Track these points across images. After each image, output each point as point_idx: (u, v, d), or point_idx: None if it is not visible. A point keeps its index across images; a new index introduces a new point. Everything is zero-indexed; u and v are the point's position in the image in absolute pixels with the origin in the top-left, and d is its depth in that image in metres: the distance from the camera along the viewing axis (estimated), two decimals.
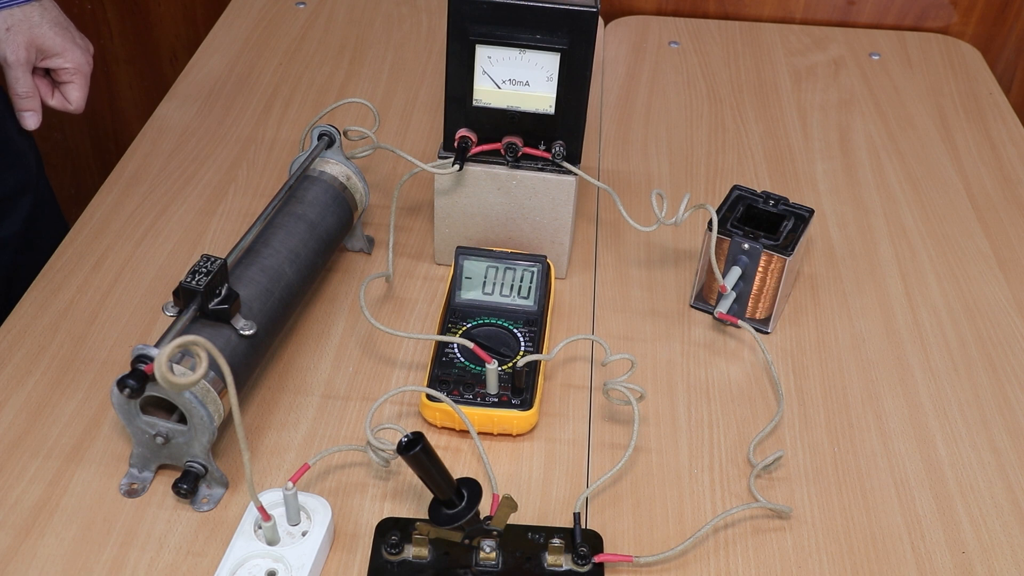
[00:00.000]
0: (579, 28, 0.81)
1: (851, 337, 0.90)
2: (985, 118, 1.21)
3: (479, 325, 0.84)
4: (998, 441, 0.81)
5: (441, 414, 0.79)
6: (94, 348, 0.85)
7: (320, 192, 0.87)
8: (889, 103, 1.22)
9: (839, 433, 0.82)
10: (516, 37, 0.82)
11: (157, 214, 0.99)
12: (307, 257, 0.84)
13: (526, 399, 0.78)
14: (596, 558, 0.69)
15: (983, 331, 0.92)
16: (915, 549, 0.73)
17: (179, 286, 0.73)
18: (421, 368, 0.85)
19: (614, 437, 0.80)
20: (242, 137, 1.10)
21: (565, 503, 0.75)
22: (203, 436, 0.71)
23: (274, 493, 0.71)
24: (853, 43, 1.34)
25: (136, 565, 0.69)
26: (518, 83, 0.84)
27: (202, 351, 0.58)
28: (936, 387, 0.86)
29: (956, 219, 1.05)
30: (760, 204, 0.90)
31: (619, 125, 1.17)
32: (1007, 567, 0.72)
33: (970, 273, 0.98)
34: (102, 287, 0.90)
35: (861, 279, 0.97)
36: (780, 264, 0.86)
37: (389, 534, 0.69)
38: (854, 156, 1.13)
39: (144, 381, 0.67)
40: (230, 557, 0.68)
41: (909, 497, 0.77)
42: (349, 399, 0.82)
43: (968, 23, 1.38)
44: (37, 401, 0.80)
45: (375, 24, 1.31)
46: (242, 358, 0.75)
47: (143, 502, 0.73)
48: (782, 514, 0.75)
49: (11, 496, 0.73)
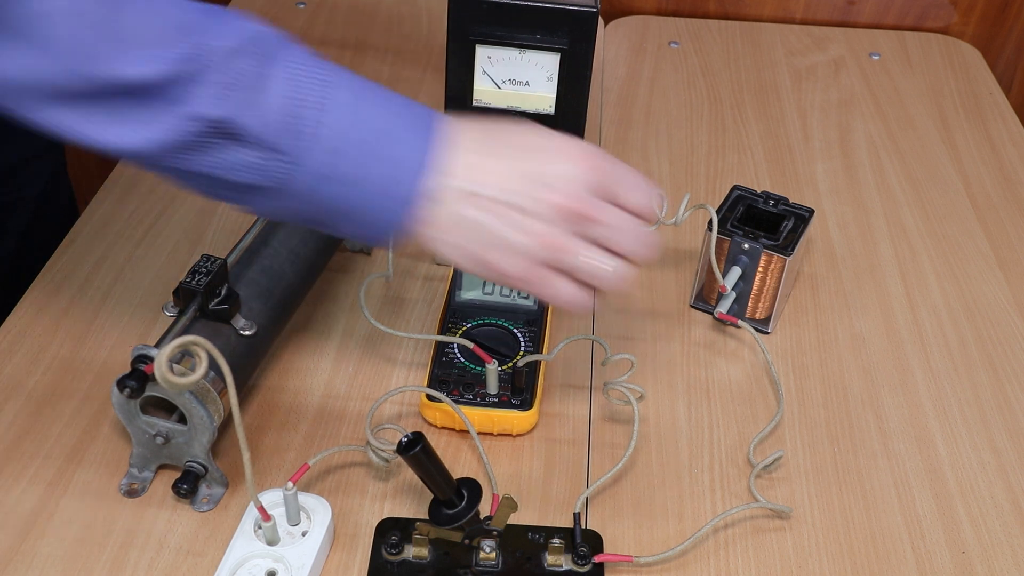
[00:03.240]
0: (579, 28, 0.81)
1: (851, 337, 0.90)
2: (985, 118, 1.21)
3: (479, 325, 0.84)
4: (998, 441, 0.81)
5: (441, 414, 0.79)
6: (94, 348, 0.85)
7: None
8: (889, 103, 1.22)
9: (839, 433, 0.82)
10: (516, 37, 0.82)
11: (157, 214, 0.99)
12: (307, 257, 0.84)
13: (526, 399, 0.78)
14: (596, 558, 0.69)
15: (983, 331, 0.92)
16: (915, 549, 0.73)
17: (179, 286, 0.73)
18: (421, 368, 0.85)
19: (614, 437, 0.80)
20: None
21: (565, 503, 0.75)
22: (203, 436, 0.71)
23: (274, 493, 0.71)
24: (853, 43, 1.34)
25: (136, 565, 0.69)
26: (518, 83, 0.84)
27: (202, 351, 0.58)
28: (936, 387, 0.86)
29: (956, 219, 1.05)
30: (760, 204, 0.90)
31: (619, 125, 1.17)
32: (1007, 567, 0.72)
33: (970, 273, 0.98)
34: (102, 287, 0.90)
35: (861, 279, 0.97)
36: (780, 264, 0.86)
37: (389, 534, 0.69)
38: (854, 156, 1.13)
39: (144, 381, 0.67)
40: (230, 557, 0.68)
41: (909, 497, 0.77)
42: (349, 399, 0.82)
43: (968, 23, 1.38)
44: (37, 401, 0.80)
45: (375, 24, 1.31)
46: (242, 358, 0.75)
47: (143, 502, 0.73)
48: (782, 514, 0.75)
49: (11, 496, 0.73)
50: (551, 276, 0.61)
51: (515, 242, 0.60)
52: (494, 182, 0.59)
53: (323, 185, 0.56)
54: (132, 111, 0.54)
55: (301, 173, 0.56)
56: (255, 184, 0.56)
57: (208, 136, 0.55)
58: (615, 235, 0.61)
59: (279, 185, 0.56)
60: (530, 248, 0.60)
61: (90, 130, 0.54)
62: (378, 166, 0.58)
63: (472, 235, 0.60)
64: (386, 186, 0.58)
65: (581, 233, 0.60)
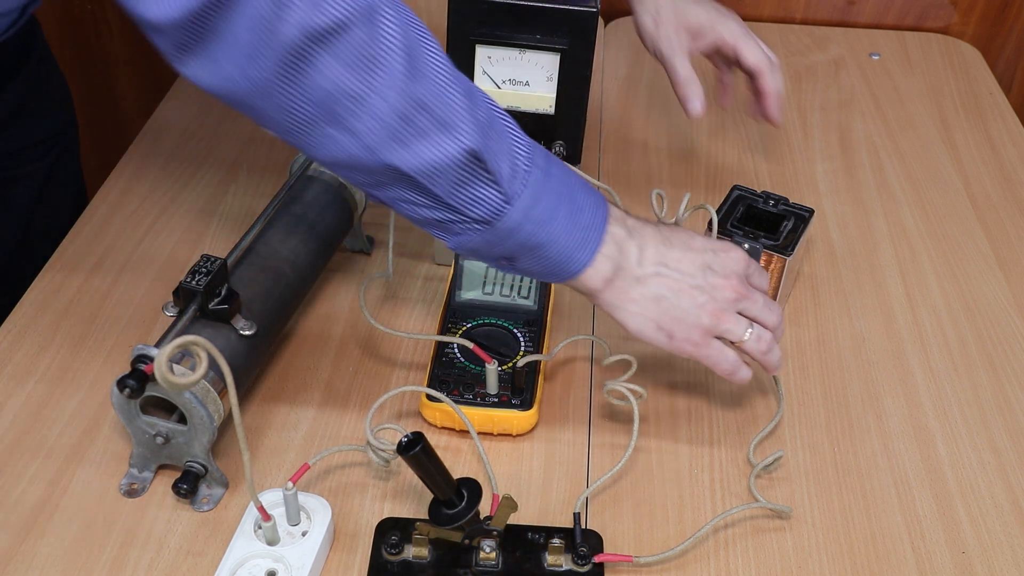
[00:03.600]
0: (579, 28, 0.81)
1: (851, 337, 0.90)
2: (985, 118, 1.21)
3: (479, 325, 0.84)
4: (998, 441, 0.81)
5: (441, 414, 0.79)
6: (94, 348, 0.85)
7: (320, 192, 0.87)
8: (889, 103, 1.22)
9: (839, 433, 0.82)
10: (516, 37, 0.82)
11: (157, 214, 0.99)
12: (307, 257, 0.84)
13: (526, 399, 0.78)
14: (596, 558, 0.69)
15: (983, 331, 0.92)
16: (915, 549, 0.73)
17: (179, 286, 0.73)
18: (421, 368, 0.85)
19: (614, 437, 0.80)
20: (242, 137, 1.10)
21: (565, 503, 0.75)
22: (203, 436, 0.71)
23: (274, 493, 0.71)
24: (853, 43, 1.34)
25: (136, 565, 0.69)
26: (518, 83, 0.84)
27: (202, 351, 0.58)
28: (936, 387, 0.86)
29: (956, 219, 1.05)
30: (760, 204, 0.90)
31: (619, 125, 1.17)
32: (1007, 567, 0.72)
33: (970, 273, 0.98)
34: (102, 287, 0.90)
35: (861, 279, 0.97)
36: (780, 264, 0.86)
37: (389, 534, 0.69)
38: (854, 156, 1.13)
39: (144, 381, 0.67)
40: (230, 557, 0.68)
41: (909, 497, 0.77)
42: (349, 399, 0.82)
43: (968, 23, 1.38)
44: (37, 401, 0.80)
45: None
46: (242, 358, 0.75)
47: (143, 502, 0.73)
48: (782, 514, 0.75)
49: (11, 496, 0.73)
50: (716, 344, 0.74)
51: (692, 315, 0.72)
52: (676, 267, 0.72)
53: (525, 223, 0.67)
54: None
55: (512, 211, 0.66)
56: (484, 218, 0.67)
57: (472, 172, 0.65)
58: (762, 312, 0.75)
59: (499, 220, 0.67)
60: (703, 320, 0.72)
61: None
62: (568, 217, 0.69)
63: (657, 307, 0.72)
64: (572, 230, 0.69)
65: (739, 310, 0.74)
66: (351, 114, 0.62)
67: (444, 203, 0.66)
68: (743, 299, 0.73)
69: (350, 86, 0.61)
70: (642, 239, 0.72)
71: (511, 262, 0.71)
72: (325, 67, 0.60)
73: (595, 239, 0.70)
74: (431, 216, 0.67)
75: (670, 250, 0.72)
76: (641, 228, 0.72)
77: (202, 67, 0.61)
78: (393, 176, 0.65)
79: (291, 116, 0.62)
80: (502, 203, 0.66)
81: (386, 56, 0.61)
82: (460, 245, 0.69)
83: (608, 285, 0.71)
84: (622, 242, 0.71)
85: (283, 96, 0.61)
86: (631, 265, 0.71)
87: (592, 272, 0.70)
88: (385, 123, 0.62)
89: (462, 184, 0.65)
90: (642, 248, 0.72)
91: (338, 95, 0.61)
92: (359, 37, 0.60)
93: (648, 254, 0.72)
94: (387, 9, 0.61)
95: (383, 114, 0.62)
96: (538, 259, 0.69)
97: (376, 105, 0.61)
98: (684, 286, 0.72)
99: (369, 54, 0.60)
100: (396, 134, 0.63)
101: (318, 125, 0.63)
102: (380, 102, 0.61)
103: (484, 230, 0.67)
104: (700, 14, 0.93)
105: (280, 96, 0.61)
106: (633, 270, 0.71)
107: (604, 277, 0.71)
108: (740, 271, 0.74)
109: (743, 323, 0.74)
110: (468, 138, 0.64)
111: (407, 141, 0.63)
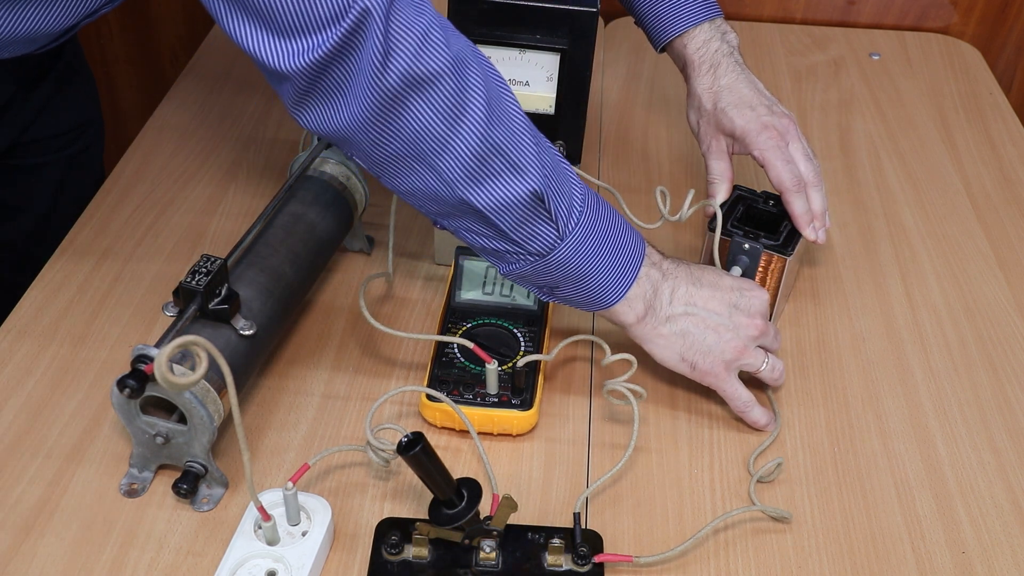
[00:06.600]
0: (579, 28, 0.81)
1: (851, 337, 0.90)
2: (985, 118, 1.21)
3: (479, 325, 0.84)
4: (998, 441, 0.81)
5: (441, 414, 0.79)
6: (94, 348, 0.85)
7: (320, 192, 0.87)
8: (889, 103, 1.22)
9: (839, 434, 0.82)
10: (516, 37, 0.82)
11: (157, 214, 0.99)
12: (307, 257, 0.84)
13: (526, 399, 0.78)
14: (596, 558, 0.69)
15: (983, 331, 0.92)
16: (915, 549, 0.73)
17: (179, 286, 0.73)
18: (421, 368, 0.85)
19: (614, 437, 0.80)
20: (242, 137, 1.10)
21: (565, 503, 0.75)
22: (203, 436, 0.71)
23: (274, 493, 0.71)
24: (853, 43, 1.34)
25: (136, 565, 0.69)
26: (518, 83, 0.84)
27: (202, 351, 0.58)
28: (936, 387, 0.86)
29: (956, 219, 1.05)
30: (760, 204, 0.90)
31: (619, 125, 1.17)
32: (1007, 567, 0.72)
33: (970, 273, 0.98)
34: (102, 287, 0.90)
35: (861, 279, 0.97)
36: (780, 264, 0.86)
37: (389, 534, 0.69)
38: (854, 156, 1.13)
39: (144, 381, 0.67)
40: (230, 557, 0.68)
41: (909, 497, 0.77)
42: (349, 399, 0.82)
43: (968, 23, 1.38)
44: (37, 401, 0.80)
45: None
46: (242, 358, 0.75)
47: (143, 502, 0.73)
48: (782, 518, 0.75)
49: (11, 496, 0.73)
50: (736, 380, 0.80)
51: (716, 349, 0.78)
52: (704, 305, 0.78)
53: (573, 258, 0.74)
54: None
55: (564, 247, 0.73)
56: (539, 252, 0.74)
57: (534, 211, 0.72)
58: (773, 342, 0.82)
59: (551, 253, 0.74)
60: (727, 354, 0.78)
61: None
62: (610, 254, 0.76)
63: (683, 342, 0.78)
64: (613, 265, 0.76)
65: (758, 344, 0.80)
66: (435, 153, 0.69)
67: (507, 237, 0.73)
68: (762, 336, 0.80)
69: (438, 129, 0.68)
70: (675, 281, 0.78)
71: (552, 290, 0.77)
72: (418, 111, 0.67)
73: (631, 278, 0.76)
74: (491, 246, 0.75)
75: (700, 290, 0.78)
76: (674, 269, 0.79)
77: (318, 113, 0.69)
78: (464, 210, 0.72)
79: (381, 150, 0.70)
80: (556, 240, 0.73)
81: (471, 104, 0.68)
82: (511, 272, 0.76)
83: (640, 321, 0.78)
84: (657, 283, 0.77)
85: (377, 132, 0.69)
86: (662, 304, 0.78)
87: (626, 307, 0.77)
88: (464, 163, 0.69)
89: (524, 221, 0.72)
90: (674, 289, 0.78)
91: (426, 136, 0.68)
92: (450, 86, 0.67)
93: (679, 294, 0.78)
94: (473, 63, 0.69)
95: (463, 155, 0.69)
96: (578, 290, 0.76)
97: (458, 147, 0.69)
98: (711, 323, 0.78)
99: (457, 102, 0.68)
100: (473, 173, 0.70)
101: (404, 160, 0.70)
102: (462, 144, 0.69)
103: (536, 261, 0.74)
104: (738, 121, 0.89)
105: (374, 132, 0.69)
106: (664, 309, 0.78)
107: (637, 314, 0.77)
108: (764, 311, 0.80)
109: (760, 354, 0.80)
110: (535, 181, 0.71)
111: (481, 180, 0.70)
